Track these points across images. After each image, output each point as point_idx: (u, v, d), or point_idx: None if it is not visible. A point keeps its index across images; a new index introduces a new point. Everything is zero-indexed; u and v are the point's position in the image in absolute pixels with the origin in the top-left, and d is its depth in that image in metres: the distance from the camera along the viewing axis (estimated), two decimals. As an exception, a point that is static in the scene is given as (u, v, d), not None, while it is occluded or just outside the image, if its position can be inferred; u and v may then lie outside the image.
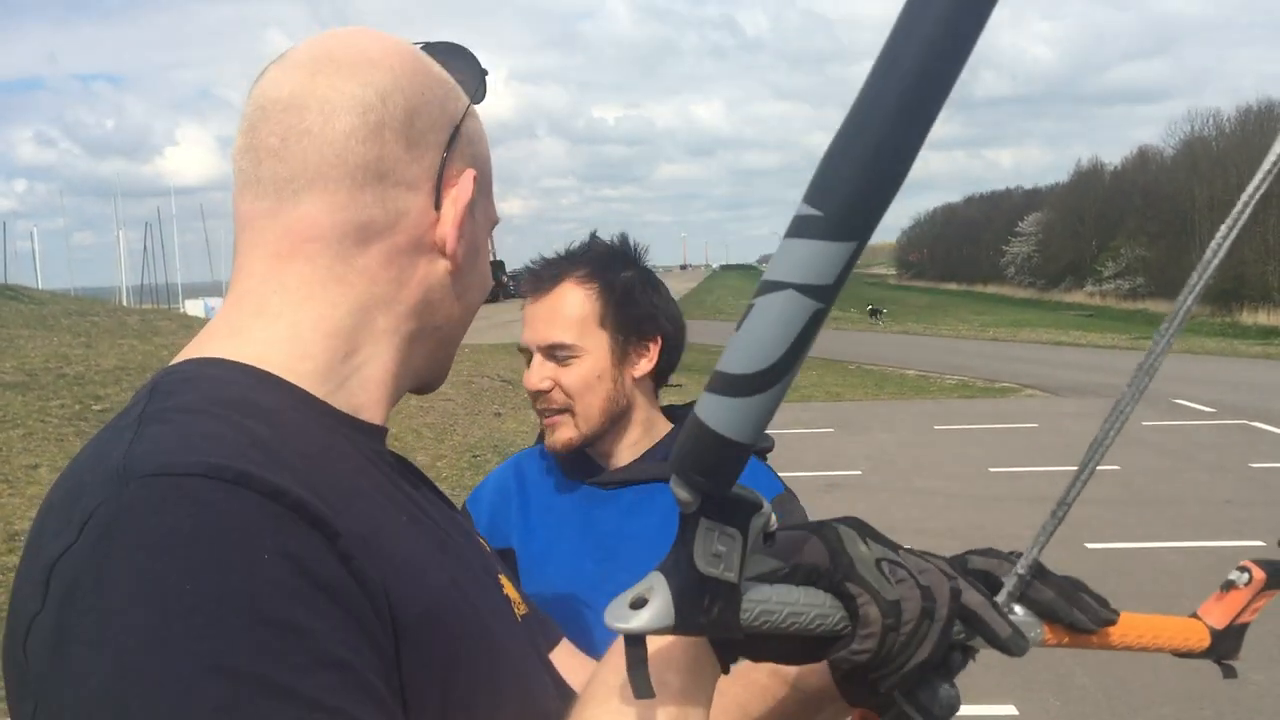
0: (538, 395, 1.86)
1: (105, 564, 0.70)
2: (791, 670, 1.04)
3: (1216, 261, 0.72)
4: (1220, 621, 0.96)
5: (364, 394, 0.96)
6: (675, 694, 0.75)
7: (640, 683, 0.70)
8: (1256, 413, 15.11)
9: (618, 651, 0.77)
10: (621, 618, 0.68)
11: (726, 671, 0.78)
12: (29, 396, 10.86)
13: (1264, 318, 44.75)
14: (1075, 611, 0.90)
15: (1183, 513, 9.57)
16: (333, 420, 0.92)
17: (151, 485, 0.73)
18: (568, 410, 1.85)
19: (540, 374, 1.85)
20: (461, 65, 1.04)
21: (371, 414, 0.97)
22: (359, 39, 0.97)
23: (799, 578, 0.73)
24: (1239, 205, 0.70)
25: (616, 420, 1.86)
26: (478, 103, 1.04)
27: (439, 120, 0.97)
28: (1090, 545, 8.36)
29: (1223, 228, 0.71)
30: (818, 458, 12.69)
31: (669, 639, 0.74)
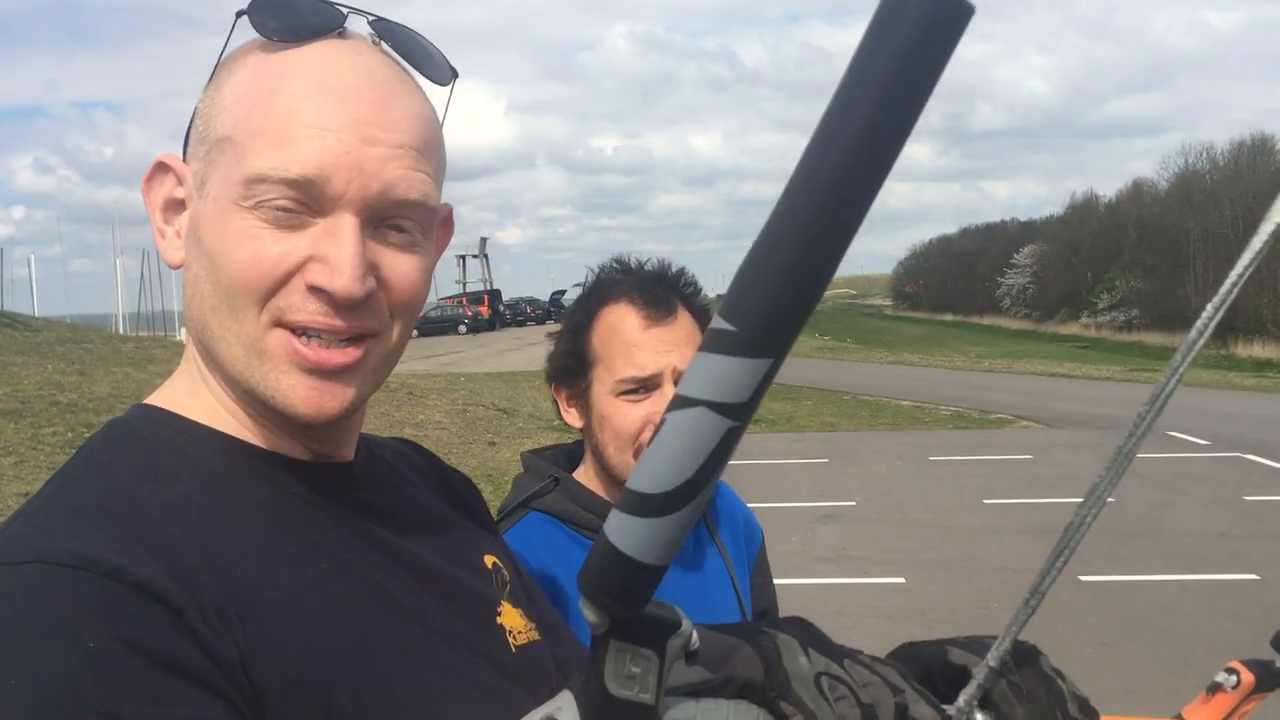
0: None
1: None
2: None
3: (1234, 295, 0.68)
4: None
5: (257, 430, 0.95)
6: None
7: None
8: (1251, 445, 15.11)
9: None
10: None
11: None
12: (21, 424, 10.82)
13: (1258, 350, 44.83)
14: None
15: (1177, 545, 9.55)
16: (264, 466, 0.92)
17: None
18: None
19: None
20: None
21: (279, 444, 0.96)
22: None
23: (729, 692, 0.69)
24: (1260, 239, 0.65)
25: None
26: (268, 34, 0.92)
27: (199, 129, 0.95)
28: (1084, 578, 8.34)
29: (1242, 260, 0.66)
30: (812, 488, 12.66)
31: None
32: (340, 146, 0.87)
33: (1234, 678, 0.91)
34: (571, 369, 1.75)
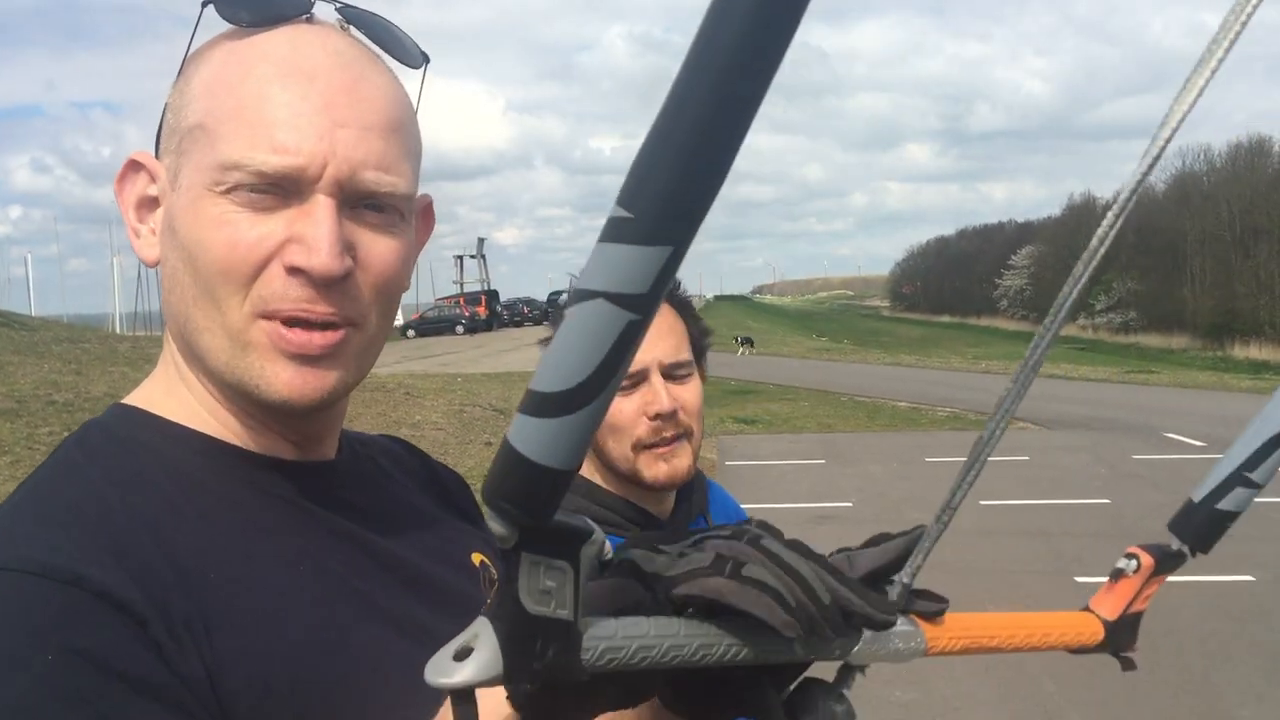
0: (664, 421, 1.71)
1: None
2: None
3: (1096, 261, 0.68)
4: (1112, 612, 0.92)
5: (236, 427, 0.94)
6: None
7: None
8: (1247, 447, 15.12)
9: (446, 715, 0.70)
10: (443, 671, 0.59)
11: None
12: (18, 423, 10.81)
13: (1255, 352, 44.91)
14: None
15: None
16: (248, 467, 0.91)
17: None
18: (687, 435, 1.75)
19: (669, 395, 1.71)
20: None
21: (260, 443, 0.94)
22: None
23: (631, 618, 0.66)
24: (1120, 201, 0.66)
25: None
26: (239, 22, 0.91)
27: (169, 123, 0.94)
28: (1080, 579, 8.33)
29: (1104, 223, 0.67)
30: (808, 489, 12.66)
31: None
32: (313, 130, 0.87)
33: (1134, 562, 0.93)
34: None
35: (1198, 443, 15.56)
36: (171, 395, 0.94)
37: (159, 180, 0.92)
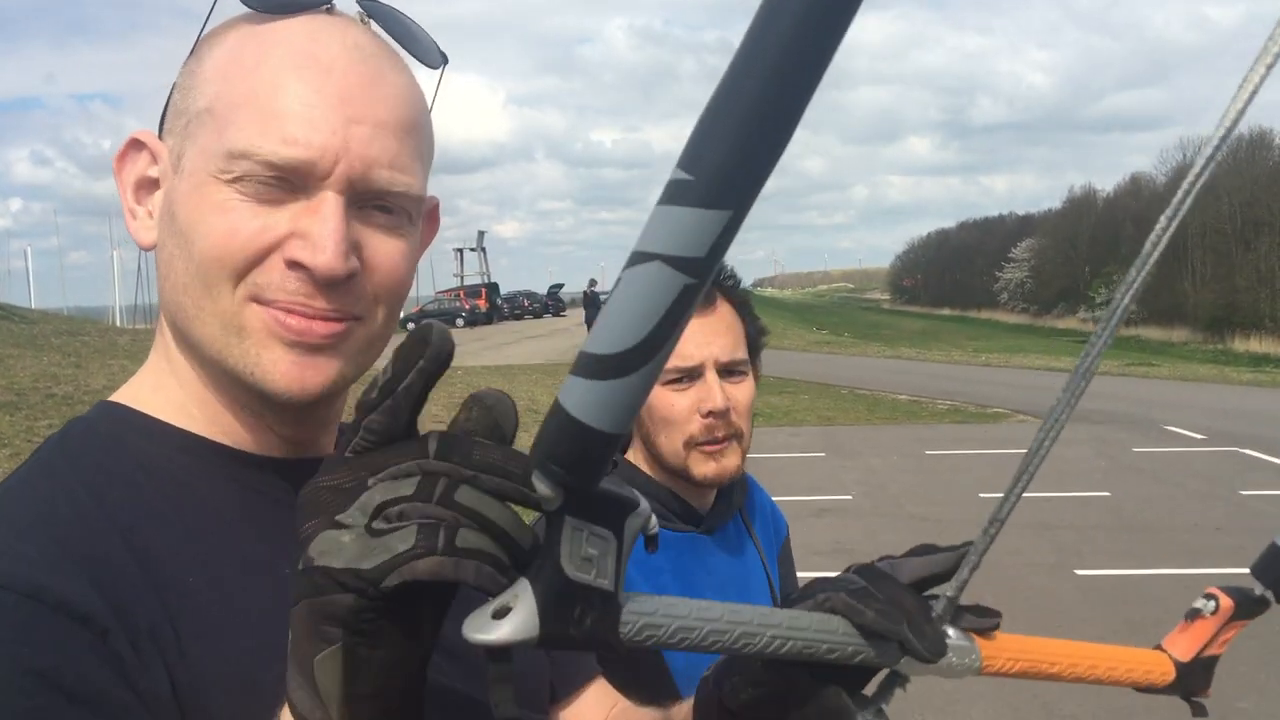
0: (716, 418, 1.71)
1: None
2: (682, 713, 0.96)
3: (1154, 259, 0.67)
4: (1186, 653, 0.89)
5: (225, 424, 0.91)
6: None
7: (503, 700, 0.62)
8: (1247, 440, 15.12)
9: None
10: (481, 629, 0.59)
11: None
12: (17, 416, 10.81)
13: (1255, 345, 44.90)
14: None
15: (1173, 540, 9.56)
16: (234, 464, 0.89)
17: None
18: (737, 436, 1.75)
19: (723, 393, 1.72)
20: None
21: (251, 440, 0.92)
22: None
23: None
24: (1174, 203, 0.66)
25: None
26: (262, 8, 0.90)
27: (176, 103, 0.91)
28: (1080, 572, 8.34)
29: (1162, 219, 0.66)
30: (809, 482, 12.66)
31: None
32: (326, 125, 0.84)
33: (1212, 603, 0.90)
34: None
35: (1198, 435, 15.56)
36: (159, 391, 0.92)
37: (160, 161, 0.90)
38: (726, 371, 1.74)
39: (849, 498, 11.79)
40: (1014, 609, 0.82)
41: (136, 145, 0.91)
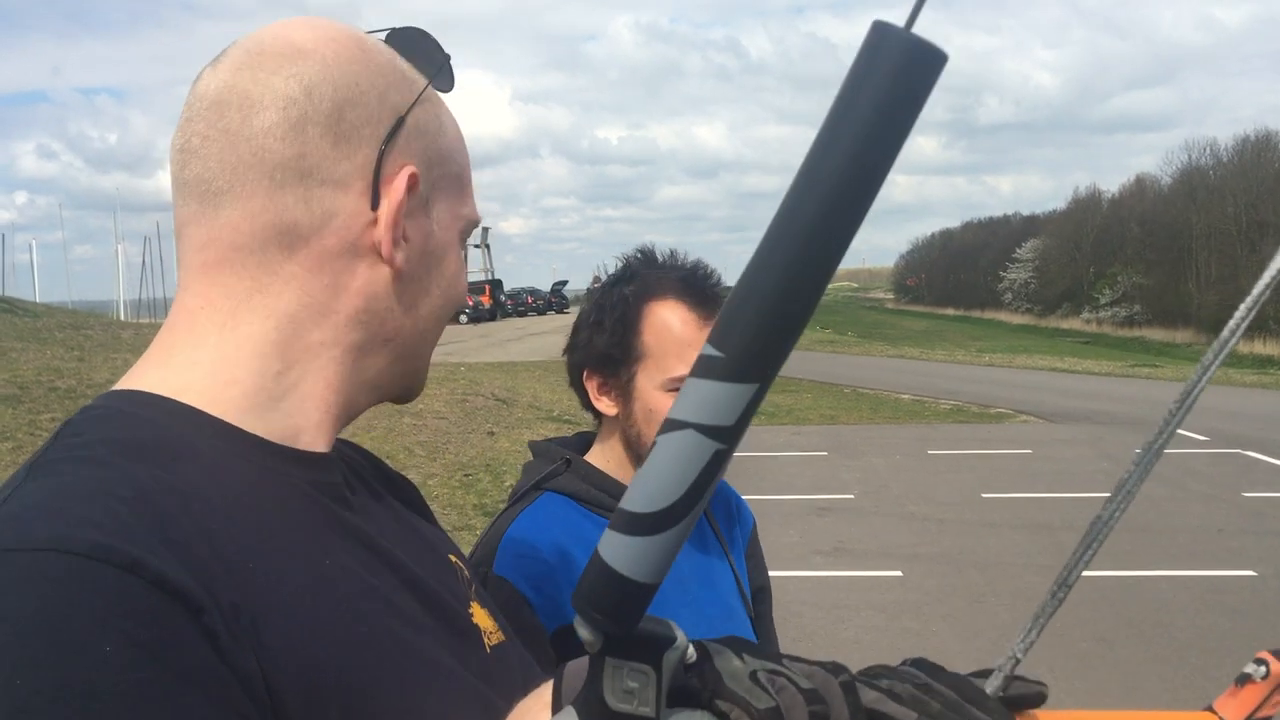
0: None
1: None
2: None
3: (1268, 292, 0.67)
4: (1236, 717, 0.87)
5: (301, 415, 0.91)
6: None
7: None
8: (1250, 442, 15.12)
9: None
10: None
11: None
12: (19, 409, 10.84)
13: (1260, 347, 44.80)
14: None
15: (1175, 541, 9.56)
16: (261, 454, 0.88)
17: (3, 560, 0.69)
18: None
19: None
20: (424, 52, 0.99)
21: (312, 437, 0.92)
22: (295, 29, 0.91)
23: (680, 702, 0.69)
24: None
25: None
26: (445, 91, 1.00)
27: (376, 113, 0.90)
28: (1082, 573, 8.33)
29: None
30: (811, 481, 12.67)
31: None
32: None
33: (1263, 668, 0.88)
34: (615, 360, 1.76)
35: (1202, 437, 15.55)
36: (190, 370, 0.90)
37: (416, 196, 0.94)
38: None
39: (851, 497, 11.78)
40: (1015, 611, 0.82)
41: (415, 179, 0.93)
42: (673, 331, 1.72)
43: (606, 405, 1.80)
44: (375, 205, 0.90)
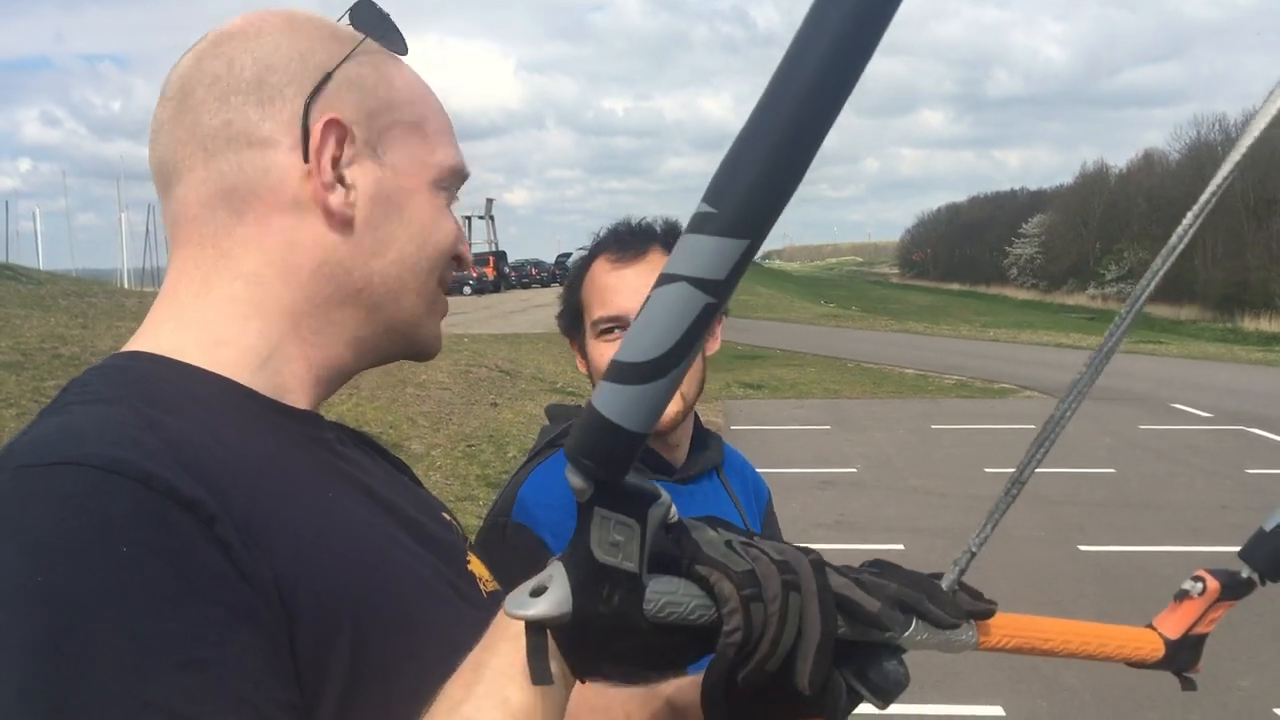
0: None
1: None
2: (688, 701, 1.02)
3: (1179, 250, 0.72)
4: (1175, 631, 0.94)
5: (287, 372, 0.96)
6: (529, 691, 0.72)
7: (539, 670, 0.69)
8: (1254, 419, 15.11)
9: (499, 630, 0.75)
10: (520, 605, 0.68)
11: (581, 680, 0.75)
12: (23, 376, 10.85)
13: (1265, 324, 44.78)
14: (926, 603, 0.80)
15: (1178, 517, 9.57)
16: (257, 405, 0.92)
17: (21, 475, 0.73)
18: None
19: None
20: (370, 20, 1.03)
21: (297, 396, 0.97)
22: (237, 19, 0.99)
23: (655, 567, 0.71)
24: (1205, 194, 0.71)
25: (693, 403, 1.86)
26: (401, 53, 1.04)
27: (299, 73, 0.95)
28: (1084, 548, 8.36)
29: (1188, 216, 0.72)
30: (813, 454, 12.69)
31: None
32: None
33: (1200, 584, 0.94)
34: (572, 321, 1.91)
35: (1205, 414, 15.55)
36: (183, 331, 0.95)
37: (354, 144, 0.97)
38: None
39: (854, 470, 11.80)
40: (1016, 584, 0.83)
41: (337, 123, 0.96)
42: (595, 279, 1.84)
43: (582, 365, 1.92)
44: (308, 158, 0.94)
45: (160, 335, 0.94)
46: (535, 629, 0.69)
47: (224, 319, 0.94)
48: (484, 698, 0.72)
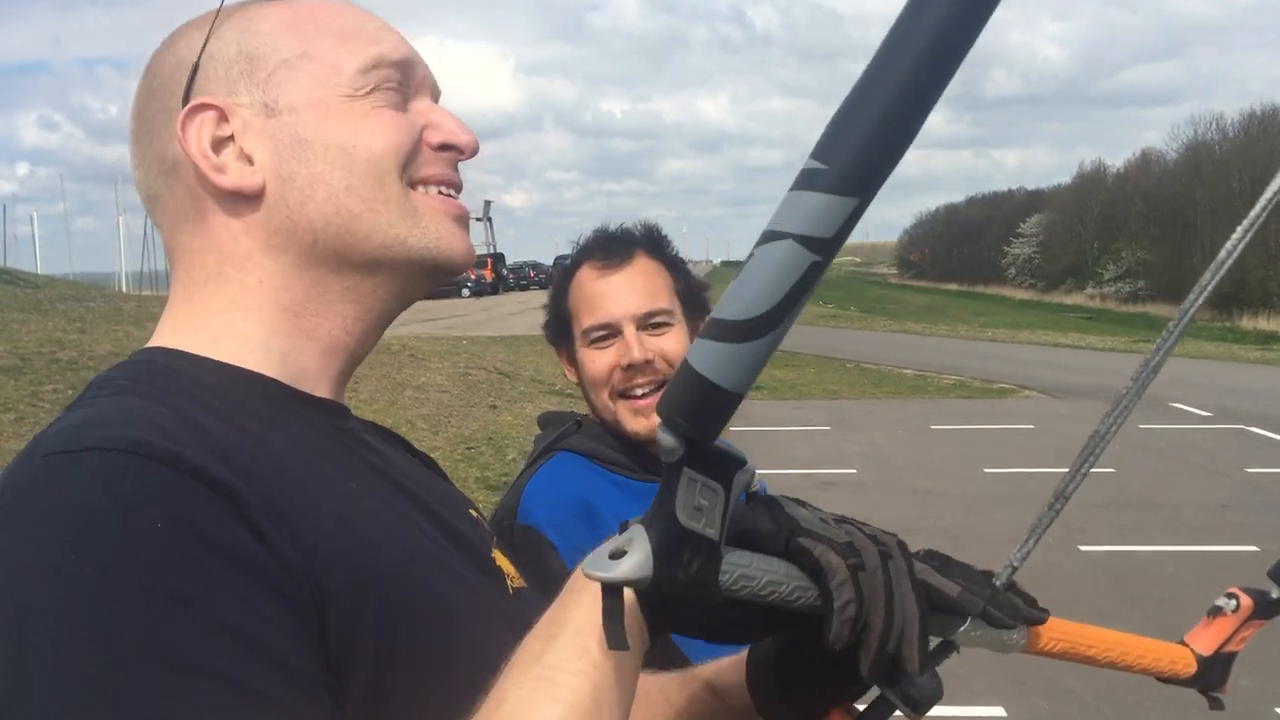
0: (636, 370, 1.77)
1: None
2: (729, 683, 1.01)
3: (1229, 263, 0.73)
4: (1207, 648, 0.94)
5: (296, 353, 0.97)
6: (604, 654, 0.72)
7: (614, 634, 0.68)
8: (1253, 418, 15.11)
9: (577, 588, 0.75)
10: (600, 567, 0.67)
11: (654, 645, 0.75)
12: (21, 380, 10.84)
13: (1264, 323, 44.78)
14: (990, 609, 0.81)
15: (1177, 517, 9.57)
16: (281, 396, 0.94)
17: (51, 462, 0.74)
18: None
19: (643, 346, 1.77)
20: None
21: (316, 382, 0.98)
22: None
23: (746, 545, 0.71)
24: (1257, 208, 0.71)
25: None
26: None
27: (176, 81, 0.97)
28: (1084, 548, 8.36)
29: (1238, 229, 0.72)
30: (813, 455, 12.69)
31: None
32: (401, 40, 1.01)
33: (1233, 602, 0.95)
34: (559, 330, 1.90)
35: (1204, 413, 15.55)
36: (199, 329, 0.97)
37: (234, 116, 0.96)
38: (647, 323, 1.79)
39: (853, 471, 11.80)
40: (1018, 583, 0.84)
41: (201, 109, 0.96)
42: (583, 288, 1.83)
43: (571, 373, 1.91)
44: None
45: (181, 331, 0.96)
46: (612, 592, 0.67)
47: (223, 318, 0.96)
48: (565, 650, 0.72)
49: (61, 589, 0.68)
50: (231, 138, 0.96)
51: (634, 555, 0.66)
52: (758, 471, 0.73)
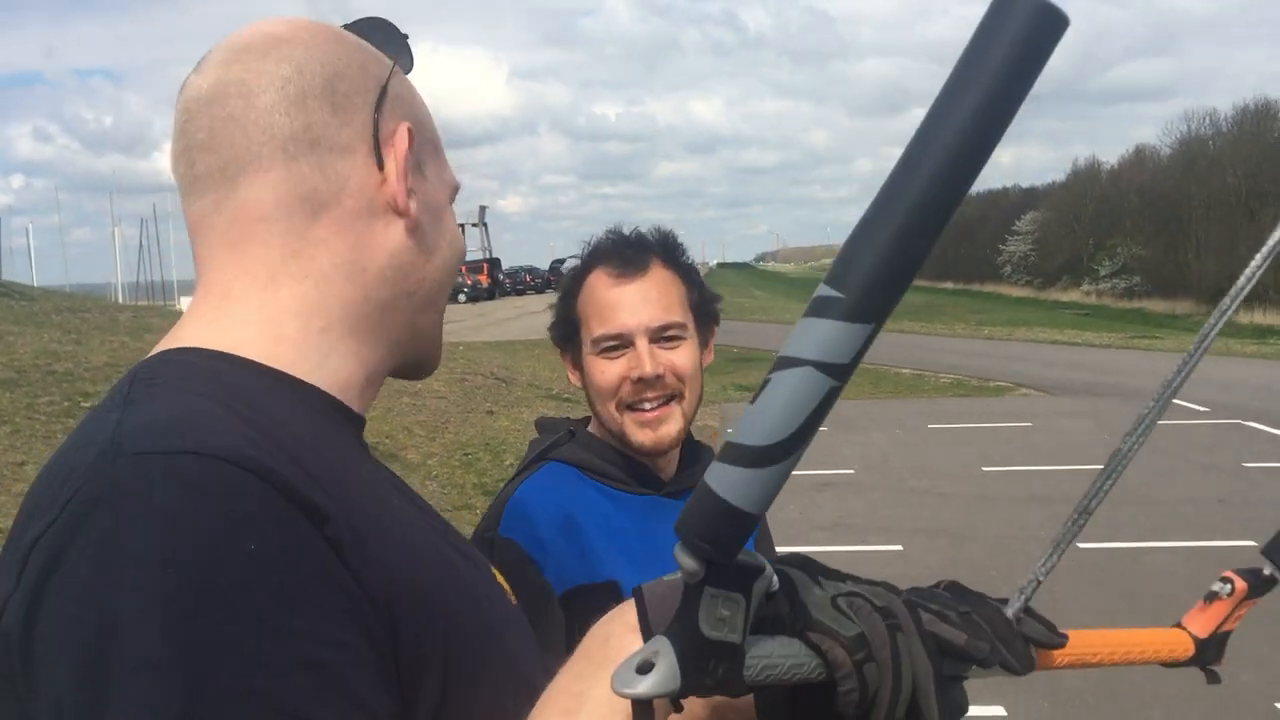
0: (646, 384, 1.74)
1: (84, 540, 0.69)
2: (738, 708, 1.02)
3: (1248, 287, 0.75)
4: (1204, 630, 0.98)
5: (345, 370, 0.96)
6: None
7: None
8: (1250, 412, 15.13)
9: (589, 659, 0.77)
10: (628, 683, 0.68)
11: (679, 709, 0.76)
12: (17, 393, 10.81)
13: (1260, 317, 44.79)
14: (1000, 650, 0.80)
15: (1175, 512, 9.58)
16: (319, 402, 0.92)
17: (140, 462, 0.72)
18: (677, 398, 1.76)
19: (655, 358, 1.74)
20: (385, 37, 1.04)
21: (352, 396, 0.97)
22: (270, 25, 0.98)
23: (765, 630, 0.73)
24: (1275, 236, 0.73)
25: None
26: (407, 71, 1.05)
27: (362, 82, 0.96)
28: (1082, 545, 8.34)
29: (1258, 257, 0.73)
30: (810, 456, 12.51)
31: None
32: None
33: (1229, 586, 0.98)
34: (566, 334, 1.86)
35: (1201, 408, 15.56)
36: (245, 327, 0.93)
37: (413, 154, 0.99)
38: (659, 336, 1.76)
39: (851, 472, 11.81)
40: (1015, 583, 0.84)
41: (412, 135, 0.99)
42: (595, 295, 1.79)
43: (575, 378, 1.87)
44: (381, 165, 0.96)
45: (219, 329, 0.92)
46: (642, 706, 0.70)
47: (289, 317, 0.93)
48: None
49: (154, 600, 0.66)
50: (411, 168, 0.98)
51: (661, 668, 0.68)
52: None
